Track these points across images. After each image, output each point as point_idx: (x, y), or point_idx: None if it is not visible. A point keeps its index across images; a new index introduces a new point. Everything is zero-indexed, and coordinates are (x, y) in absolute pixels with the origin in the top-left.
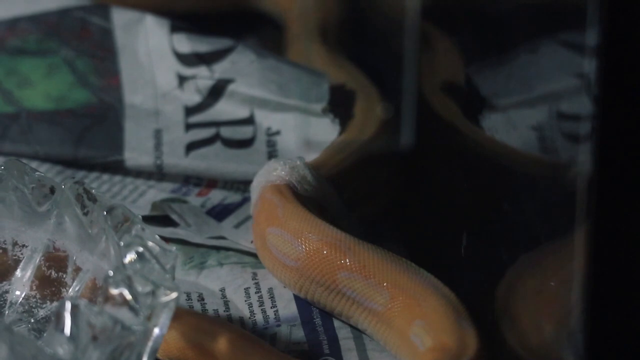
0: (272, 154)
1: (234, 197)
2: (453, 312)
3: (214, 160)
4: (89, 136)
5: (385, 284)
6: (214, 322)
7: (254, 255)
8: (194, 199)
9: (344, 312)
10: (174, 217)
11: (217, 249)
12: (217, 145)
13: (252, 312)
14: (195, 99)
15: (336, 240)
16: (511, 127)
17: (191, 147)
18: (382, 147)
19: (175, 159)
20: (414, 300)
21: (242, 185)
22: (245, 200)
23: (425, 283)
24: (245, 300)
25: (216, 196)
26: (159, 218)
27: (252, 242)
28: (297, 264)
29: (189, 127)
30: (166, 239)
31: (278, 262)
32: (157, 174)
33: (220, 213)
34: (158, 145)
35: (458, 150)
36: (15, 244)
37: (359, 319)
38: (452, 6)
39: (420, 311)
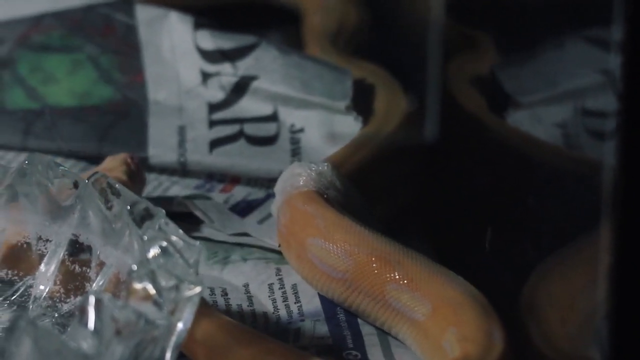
0: (295, 151)
1: (257, 194)
2: (486, 321)
3: (238, 158)
4: (113, 133)
5: (430, 296)
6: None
7: (277, 252)
8: (218, 195)
9: (387, 322)
10: (198, 213)
11: (241, 245)
12: (241, 143)
13: (275, 308)
14: (219, 95)
15: (386, 254)
16: (536, 124)
17: (215, 144)
18: (406, 140)
19: (199, 155)
20: (451, 309)
21: (266, 182)
22: (269, 196)
23: (465, 292)
24: (269, 296)
25: (239, 192)
26: (182, 215)
27: (279, 245)
28: (345, 276)
29: (212, 124)
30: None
31: (322, 273)
32: (181, 170)
33: (243, 210)
34: (182, 142)
35: (483, 143)
36: (39, 238)
37: (401, 329)
38: (476, 2)
39: (456, 319)
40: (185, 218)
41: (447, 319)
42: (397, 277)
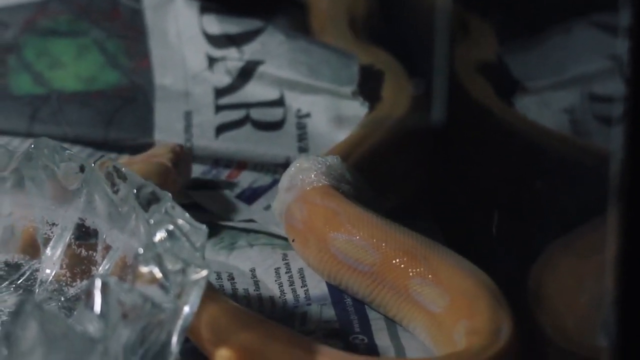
0: (302, 136)
1: (263, 180)
2: (496, 314)
3: (244, 143)
4: (119, 118)
5: (450, 290)
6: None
7: (283, 238)
8: (224, 181)
9: (406, 317)
10: (204, 204)
11: (247, 231)
12: (247, 128)
13: (282, 292)
14: (225, 80)
15: (412, 248)
16: (543, 110)
17: (221, 129)
18: (413, 126)
19: (205, 141)
20: (466, 302)
21: (272, 167)
22: (275, 182)
23: (480, 285)
24: (276, 280)
25: (246, 178)
26: (187, 205)
27: (292, 240)
28: (371, 269)
29: (218, 108)
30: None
31: (347, 267)
32: None
33: (250, 197)
34: (188, 127)
35: (490, 129)
36: (45, 222)
37: (418, 322)
38: None
39: (469, 312)
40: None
41: (461, 312)
42: (423, 271)
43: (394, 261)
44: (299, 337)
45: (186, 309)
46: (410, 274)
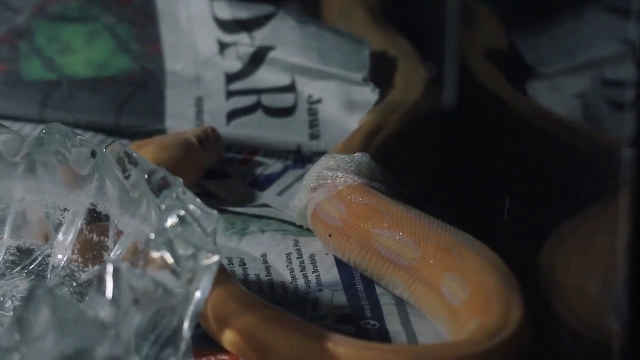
0: (313, 123)
1: (275, 166)
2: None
3: (256, 129)
4: (130, 104)
5: (472, 284)
6: (241, 291)
7: (295, 224)
8: (235, 168)
9: (436, 312)
10: (217, 193)
11: (259, 217)
12: (259, 114)
13: (293, 277)
14: (236, 65)
15: (450, 244)
16: (555, 95)
17: (232, 115)
18: (426, 110)
19: (217, 127)
20: (484, 298)
21: (284, 153)
22: (287, 168)
23: (500, 280)
24: (287, 266)
25: (257, 165)
26: (200, 194)
27: (329, 235)
28: (410, 264)
29: (230, 94)
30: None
31: (389, 263)
32: None
33: (262, 183)
34: (199, 113)
35: (501, 113)
36: (57, 207)
37: (440, 314)
38: None
39: (484, 309)
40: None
41: (478, 307)
42: (455, 267)
43: (431, 257)
44: (304, 323)
45: (197, 294)
46: (443, 269)
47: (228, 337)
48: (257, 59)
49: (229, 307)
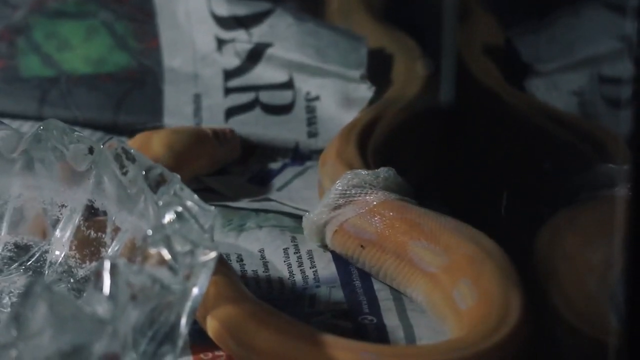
0: (311, 120)
1: (273, 164)
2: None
3: (254, 127)
4: (128, 101)
5: (479, 289)
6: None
7: (294, 217)
8: (234, 164)
9: (449, 317)
10: (217, 189)
11: (257, 211)
12: (257, 111)
13: (291, 273)
14: (234, 62)
15: (474, 253)
16: (553, 92)
17: (231, 112)
18: (424, 106)
19: (215, 124)
20: (495, 306)
21: (282, 151)
22: (285, 166)
23: (509, 292)
24: (284, 261)
25: (256, 162)
26: (200, 190)
27: (362, 246)
28: (436, 271)
29: (228, 91)
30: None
31: (419, 271)
32: None
33: (262, 179)
34: (197, 110)
35: (498, 109)
36: (54, 204)
37: (451, 319)
38: None
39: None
40: (204, 192)
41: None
42: (473, 275)
43: (457, 264)
44: (282, 318)
45: (195, 290)
46: (460, 277)
47: (210, 324)
48: (255, 55)
49: (212, 295)
